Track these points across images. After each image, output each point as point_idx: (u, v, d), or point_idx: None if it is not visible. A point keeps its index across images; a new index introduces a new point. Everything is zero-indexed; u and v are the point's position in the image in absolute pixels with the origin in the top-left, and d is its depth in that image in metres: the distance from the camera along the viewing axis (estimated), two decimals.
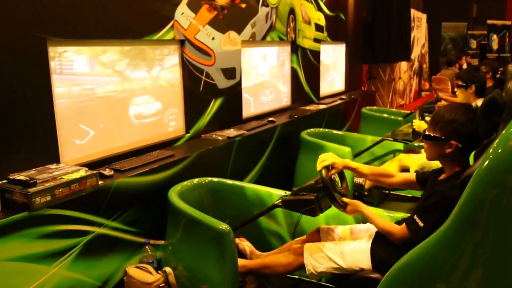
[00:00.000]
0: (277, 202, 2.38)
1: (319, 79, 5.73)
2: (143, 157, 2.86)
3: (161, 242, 2.75)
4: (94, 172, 2.29)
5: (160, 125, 3.23)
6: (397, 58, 8.44)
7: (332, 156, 2.25)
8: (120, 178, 2.49)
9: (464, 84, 3.61)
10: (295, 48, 5.03)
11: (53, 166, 2.33)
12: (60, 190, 2.09)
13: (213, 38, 3.58)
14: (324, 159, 2.23)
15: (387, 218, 2.29)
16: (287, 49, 4.96)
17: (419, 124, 3.76)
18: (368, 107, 6.00)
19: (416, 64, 12.33)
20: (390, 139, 4.05)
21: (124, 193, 2.52)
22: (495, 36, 7.93)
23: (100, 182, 2.35)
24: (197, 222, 2.30)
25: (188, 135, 3.45)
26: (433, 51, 14.08)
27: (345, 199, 2.23)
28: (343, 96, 6.09)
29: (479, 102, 3.53)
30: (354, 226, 2.45)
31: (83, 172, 2.25)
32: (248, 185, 2.87)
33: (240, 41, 3.92)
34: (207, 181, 2.84)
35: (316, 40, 5.52)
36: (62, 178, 2.15)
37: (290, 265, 2.33)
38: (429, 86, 14.11)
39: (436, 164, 3.78)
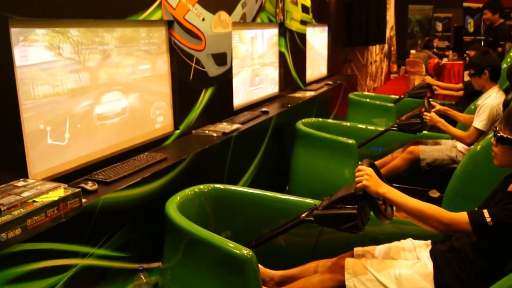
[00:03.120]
0: (306, 216, 1.90)
1: (305, 64, 5.25)
2: (130, 163, 2.32)
3: (157, 264, 2.24)
4: (76, 190, 1.73)
5: (146, 121, 2.68)
6: (374, 41, 8.07)
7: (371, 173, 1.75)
8: (107, 194, 1.95)
9: (476, 71, 3.22)
10: (283, 30, 4.52)
11: (20, 183, 1.77)
12: (34, 219, 1.54)
13: (203, 19, 3.03)
14: (363, 174, 1.72)
15: None
16: (275, 31, 4.44)
17: (432, 117, 3.36)
18: (355, 93, 5.60)
19: (386, 47, 12.04)
20: (395, 129, 3.64)
21: (112, 211, 1.98)
22: (470, 19, 7.66)
23: (83, 201, 1.80)
24: (206, 244, 1.80)
25: (178, 131, 2.91)
26: (400, 34, 13.84)
27: None
28: (329, 82, 5.64)
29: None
30: (395, 244, 2.00)
31: (61, 191, 1.70)
32: (258, 192, 2.38)
33: (231, 23, 3.38)
34: (210, 188, 2.32)
35: (303, 22, 5.02)
36: (34, 201, 1.60)
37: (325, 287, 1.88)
38: (397, 68, 13.92)
39: (444, 156, 3.35)
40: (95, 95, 2.27)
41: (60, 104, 2.07)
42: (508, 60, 3.80)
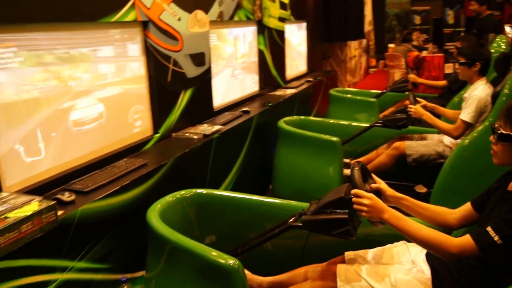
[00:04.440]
0: (293, 221, 1.85)
1: (284, 61, 5.22)
2: (108, 170, 2.25)
3: (141, 273, 2.19)
4: (51, 203, 1.66)
5: (124, 126, 2.61)
6: (354, 36, 8.07)
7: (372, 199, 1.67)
8: (85, 204, 1.88)
9: (468, 61, 3.19)
10: (262, 28, 4.48)
11: None
12: (7, 236, 1.47)
13: (179, 19, 2.96)
14: (362, 203, 1.65)
15: None
16: (254, 29, 4.40)
17: (417, 109, 3.35)
18: (336, 89, 5.58)
19: (364, 42, 12.09)
20: (380, 125, 3.62)
21: (92, 222, 1.91)
22: (450, 11, 7.71)
23: (59, 213, 1.74)
24: (188, 253, 1.75)
25: (158, 135, 2.85)
26: (378, 28, 13.92)
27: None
28: (310, 78, 5.62)
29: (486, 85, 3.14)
30: (388, 247, 1.96)
31: (35, 204, 1.63)
32: (242, 196, 2.33)
33: (208, 22, 3.32)
34: (192, 193, 2.26)
35: (281, 19, 4.98)
36: (6, 217, 1.52)
37: None
38: (375, 62, 14.00)
39: (431, 151, 3.33)
40: (69, 101, 2.20)
41: (31, 114, 1.99)
42: (493, 51, 3.79)
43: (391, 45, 11.70)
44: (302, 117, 4.08)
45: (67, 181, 2.09)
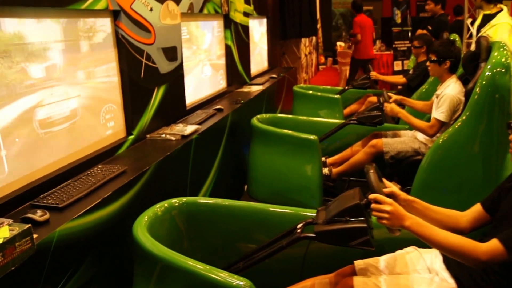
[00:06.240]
0: (302, 231, 1.61)
1: (249, 57, 4.94)
2: (83, 180, 1.88)
3: None
4: (25, 227, 1.30)
5: (95, 128, 2.23)
6: (308, 33, 7.90)
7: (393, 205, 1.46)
8: (63, 224, 1.52)
9: (438, 59, 3.08)
10: (228, 22, 4.17)
11: None
12: None
13: (151, 9, 2.61)
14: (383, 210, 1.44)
15: None
16: (221, 24, 4.08)
17: (392, 108, 3.22)
18: (299, 85, 5.38)
19: (314, 39, 12.03)
20: (355, 122, 3.43)
21: (71, 245, 1.55)
22: (398, 11, 7.75)
23: (35, 236, 1.37)
24: (188, 273, 1.46)
25: (132, 137, 2.49)
26: (326, 26, 13.93)
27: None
28: (273, 75, 5.37)
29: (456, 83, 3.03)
30: (400, 254, 1.75)
31: (5, 230, 1.26)
32: (235, 203, 2.03)
33: (179, 14, 2.98)
34: (182, 202, 1.93)
35: (245, 14, 4.69)
36: None
37: None
38: (324, 60, 14.01)
39: (407, 148, 3.22)
40: (32, 101, 1.81)
41: None
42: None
43: (341, 43, 11.75)
44: (277, 114, 3.86)
45: (35, 196, 1.71)
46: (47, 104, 1.87)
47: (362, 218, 1.48)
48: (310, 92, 4.97)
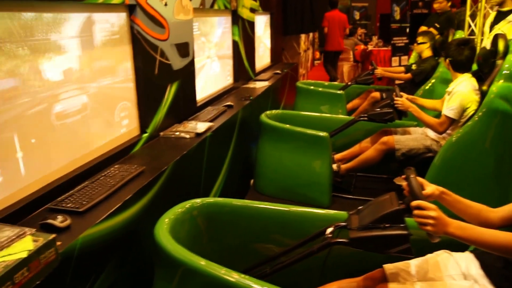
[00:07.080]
0: (332, 236, 1.52)
1: (254, 53, 4.81)
2: (102, 181, 1.77)
3: None
4: (50, 237, 1.19)
5: (110, 126, 2.12)
6: (309, 28, 7.77)
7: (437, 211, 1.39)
8: (86, 230, 1.41)
9: (445, 56, 2.99)
10: (236, 18, 4.05)
11: None
12: None
13: (165, 4, 2.48)
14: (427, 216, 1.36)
15: None
16: (229, 19, 3.95)
17: (404, 102, 3.13)
18: (302, 81, 5.29)
19: (311, 35, 11.89)
20: (366, 119, 3.34)
21: (93, 251, 1.45)
22: (397, 7, 7.65)
23: (58, 244, 1.26)
24: (212, 278, 1.37)
25: (146, 135, 2.37)
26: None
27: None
28: (277, 71, 5.26)
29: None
30: (431, 257, 1.66)
31: (28, 241, 1.15)
32: (256, 204, 1.94)
33: (192, 9, 2.85)
34: (203, 202, 1.83)
35: (252, 10, 4.57)
36: None
37: None
38: (319, 55, 13.87)
39: (419, 145, 3.14)
40: (48, 100, 1.69)
41: (4, 117, 1.48)
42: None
43: None
44: (286, 111, 3.77)
45: (53, 198, 1.60)
46: (63, 99, 1.76)
47: (403, 225, 1.40)
48: (313, 87, 4.88)
